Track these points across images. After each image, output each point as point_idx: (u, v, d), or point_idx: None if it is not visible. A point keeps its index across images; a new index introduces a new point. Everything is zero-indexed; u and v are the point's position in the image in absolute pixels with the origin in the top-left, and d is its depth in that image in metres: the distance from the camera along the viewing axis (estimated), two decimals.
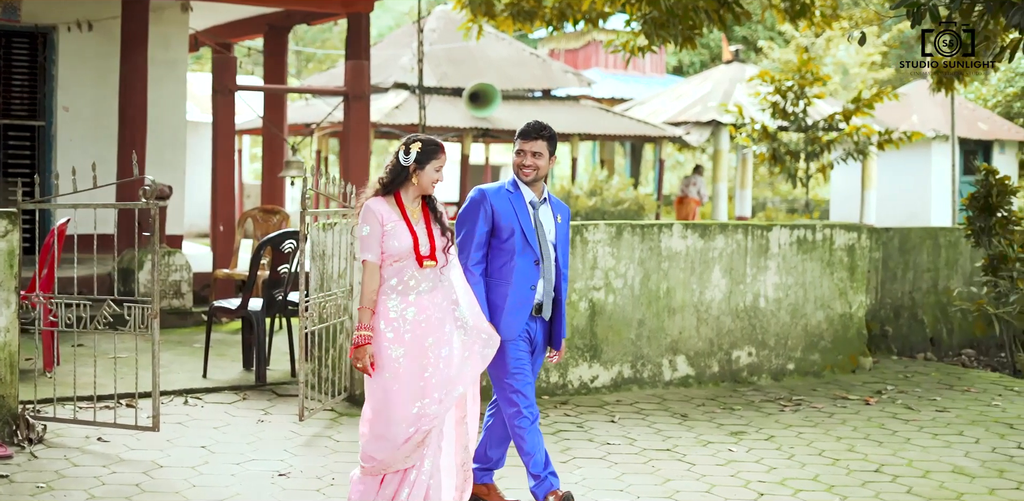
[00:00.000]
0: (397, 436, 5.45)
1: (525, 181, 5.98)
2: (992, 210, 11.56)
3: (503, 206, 5.91)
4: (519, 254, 5.89)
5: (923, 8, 7.93)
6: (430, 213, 5.60)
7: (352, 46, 12.81)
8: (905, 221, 24.54)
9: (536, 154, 5.94)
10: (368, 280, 5.47)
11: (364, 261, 5.48)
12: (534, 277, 5.92)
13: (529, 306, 5.93)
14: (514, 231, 5.88)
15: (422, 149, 5.49)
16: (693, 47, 11.80)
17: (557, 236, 6.07)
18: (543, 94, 22.63)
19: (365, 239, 5.48)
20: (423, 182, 5.52)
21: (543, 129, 5.98)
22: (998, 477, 7.23)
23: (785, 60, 32.86)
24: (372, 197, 5.53)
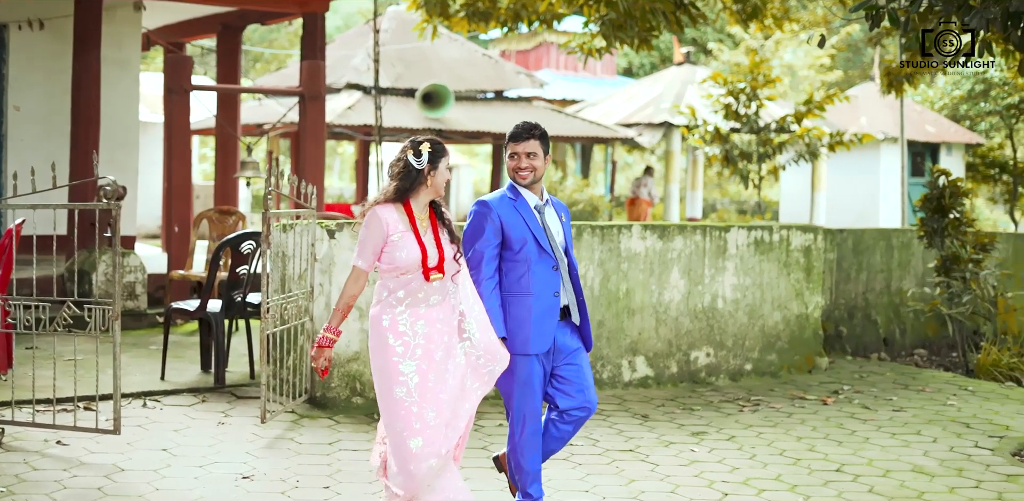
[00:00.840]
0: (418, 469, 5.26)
1: (523, 184, 5.77)
2: (945, 211, 11.67)
3: (510, 216, 5.69)
4: (536, 262, 5.68)
5: (881, 11, 8.00)
6: (438, 220, 5.44)
7: (307, 46, 12.74)
8: (854, 222, 24.75)
9: (531, 155, 5.73)
10: (350, 285, 5.33)
11: (355, 266, 5.33)
12: (556, 283, 5.72)
13: (556, 314, 5.73)
14: (527, 240, 5.67)
15: (432, 149, 5.32)
16: (649, 49, 11.85)
17: (564, 237, 5.89)
18: (495, 95, 22.63)
19: (362, 245, 5.30)
20: (438, 183, 5.35)
21: (534, 128, 5.76)
22: (957, 476, 7.30)
23: (735, 62, 33.06)
24: (381, 203, 5.32)
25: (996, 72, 24.06)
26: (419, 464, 5.24)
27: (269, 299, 7.72)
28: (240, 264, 8.98)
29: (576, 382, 5.83)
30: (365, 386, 8.43)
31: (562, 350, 5.82)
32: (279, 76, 22.31)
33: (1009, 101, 24.78)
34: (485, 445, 7.59)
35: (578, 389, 5.83)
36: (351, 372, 8.40)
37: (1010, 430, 8.65)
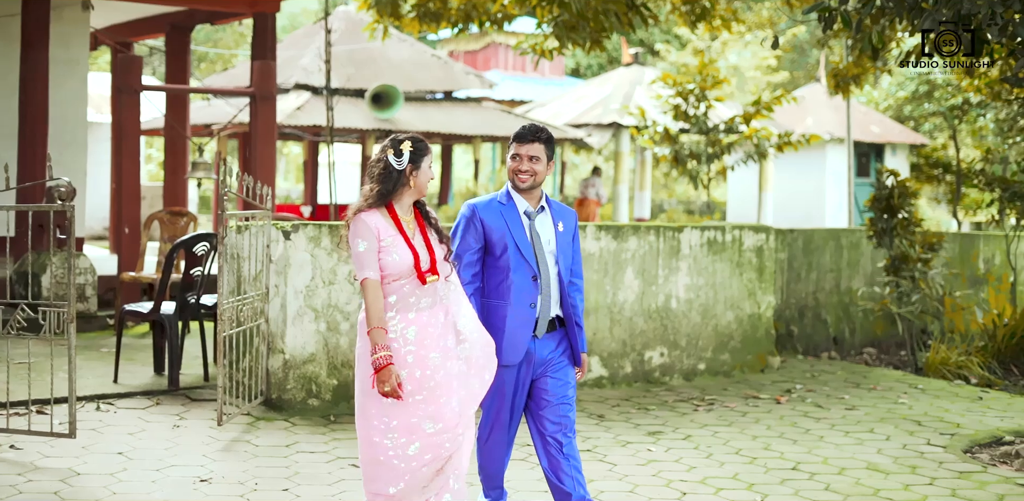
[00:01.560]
0: (411, 462, 5.02)
1: (522, 188, 5.54)
2: (894, 211, 11.79)
3: (494, 220, 5.51)
4: (514, 270, 5.47)
5: (834, 13, 8.08)
6: (424, 221, 5.19)
7: (258, 46, 12.67)
8: (801, 222, 24.94)
9: (534, 159, 5.50)
10: (373, 299, 4.95)
11: (364, 280, 4.97)
12: (532, 294, 5.49)
13: (530, 326, 5.51)
14: (507, 246, 5.48)
15: (414, 148, 5.04)
16: (601, 49, 11.89)
17: (559, 246, 5.61)
18: (445, 96, 22.62)
19: (362, 255, 4.97)
20: (421, 183, 5.08)
21: (540, 131, 5.52)
22: (911, 473, 7.38)
23: (682, 63, 33.22)
24: (365, 209, 5.02)
25: (940, 73, 24.30)
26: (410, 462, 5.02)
27: (225, 301, 7.68)
28: (194, 266, 8.91)
29: (552, 395, 5.60)
30: (321, 388, 8.41)
31: (545, 362, 5.60)
32: (227, 76, 22.16)
33: (952, 102, 25.04)
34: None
35: (554, 403, 5.60)
36: (307, 374, 8.36)
37: (961, 427, 8.75)
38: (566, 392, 5.63)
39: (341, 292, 8.47)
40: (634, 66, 26.59)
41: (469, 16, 13.04)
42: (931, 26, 7.41)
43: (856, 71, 14.73)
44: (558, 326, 5.64)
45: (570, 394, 5.64)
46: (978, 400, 9.95)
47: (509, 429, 5.70)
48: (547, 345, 5.60)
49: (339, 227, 8.37)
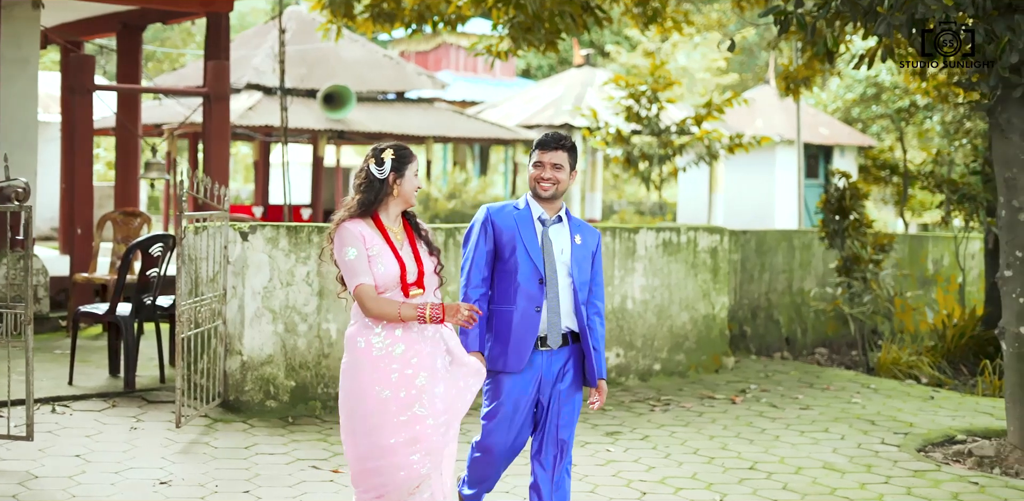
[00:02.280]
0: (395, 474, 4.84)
1: (544, 196, 5.35)
2: (845, 213, 11.91)
3: (505, 222, 5.36)
4: (521, 273, 5.29)
5: (789, 16, 8.16)
6: (414, 233, 5.02)
7: (211, 46, 12.58)
8: (751, 223, 25.10)
9: (556, 166, 5.32)
10: (376, 304, 4.76)
11: (358, 287, 4.77)
12: (539, 298, 5.28)
13: (535, 331, 5.29)
14: (515, 248, 5.31)
15: (396, 155, 4.89)
16: (556, 51, 11.93)
17: (573, 258, 5.39)
18: (397, 96, 22.57)
19: (352, 263, 4.79)
20: (406, 191, 4.91)
21: (564, 139, 5.35)
22: (867, 472, 7.47)
23: (632, 64, 33.33)
24: (348, 219, 4.87)
25: (888, 76, 24.55)
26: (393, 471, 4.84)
27: (184, 302, 7.64)
28: (150, 267, 8.86)
29: (552, 417, 5.42)
30: (279, 389, 8.38)
31: (555, 381, 5.39)
32: (177, 76, 22.02)
33: (900, 105, 25.26)
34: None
35: (551, 426, 5.42)
36: (264, 375, 8.34)
37: (914, 427, 8.86)
38: (573, 420, 5.46)
39: (299, 293, 8.45)
40: (585, 67, 26.66)
41: (423, 17, 13.02)
42: (885, 31, 7.50)
43: (806, 73, 14.84)
44: (570, 341, 5.40)
45: (574, 419, 5.47)
46: (929, 400, 10.08)
47: (511, 448, 5.47)
48: (556, 361, 5.37)
49: (301, 229, 8.37)
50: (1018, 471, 7.60)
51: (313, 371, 8.55)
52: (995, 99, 7.67)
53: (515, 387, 5.33)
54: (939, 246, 15.13)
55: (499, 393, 5.35)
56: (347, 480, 6.81)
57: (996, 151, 7.84)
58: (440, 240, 9.13)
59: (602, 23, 11.79)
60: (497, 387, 5.36)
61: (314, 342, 8.56)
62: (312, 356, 8.55)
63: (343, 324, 8.67)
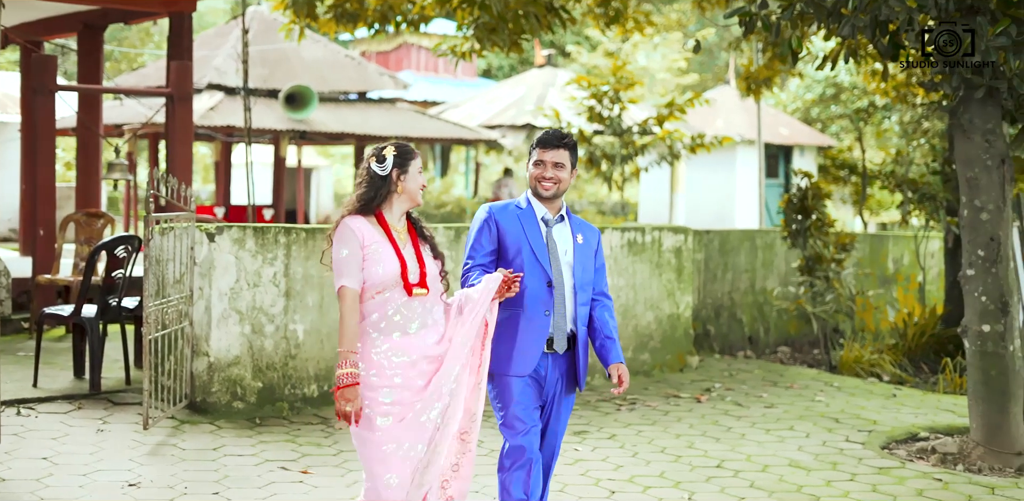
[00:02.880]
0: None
1: (545, 196, 5.24)
2: (807, 212, 11.99)
3: (509, 223, 5.21)
4: (528, 276, 5.12)
5: (755, 17, 8.22)
6: (418, 235, 4.91)
7: (175, 46, 12.52)
8: (712, 223, 25.22)
9: (558, 165, 5.21)
10: (348, 311, 4.67)
11: (341, 288, 4.67)
12: (548, 301, 5.14)
13: (544, 335, 5.15)
14: (520, 249, 5.17)
15: (398, 152, 4.80)
16: (520, 52, 11.95)
17: (576, 257, 5.27)
18: (359, 96, 22.54)
19: (343, 262, 4.68)
20: (411, 188, 4.80)
21: (565, 137, 5.24)
22: (832, 469, 7.54)
23: (592, 65, 33.41)
24: (348, 215, 4.77)
25: (847, 76, 24.73)
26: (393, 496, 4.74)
27: (151, 304, 7.61)
28: (115, 268, 8.81)
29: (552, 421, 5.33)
30: (246, 391, 8.37)
31: (554, 384, 5.27)
32: (138, 76, 21.89)
33: (858, 105, 25.47)
34: None
35: (549, 431, 5.33)
36: (232, 377, 8.32)
37: (877, 424, 8.95)
38: (560, 429, 5.37)
39: (266, 294, 8.44)
40: (547, 68, 26.73)
41: (386, 17, 13.02)
42: (849, 32, 7.57)
43: (767, 74, 14.96)
44: (571, 344, 5.28)
45: (563, 429, 5.40)
46: (892, 397, 10.17)
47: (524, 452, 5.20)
48: (558, 366, 5.25)
49: (268, 230, 8.36)
50: (981, 467, 7.68)
51: (280, 372, 8.54)
52: (957, 100, 7.75)
53: (524, 391, 5.17)
54: (899, 245, 15.27)
55: (509, 398, 5.18)
56: (317, 481, 6.82)
57: (958, 151, 7.92)
58: None
59: (566, 24, 11.83)
60: (506, 391, 5.19)
61: (281, 343, 8.55)
62: (279, 357, 8.54)
63: (310, 325, 8.66)
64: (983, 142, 7.76)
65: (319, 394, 8.75)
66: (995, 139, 7.76)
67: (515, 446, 5.18)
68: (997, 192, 7.79)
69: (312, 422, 8.32)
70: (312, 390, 8.71)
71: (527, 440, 5.17)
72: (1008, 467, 7.69)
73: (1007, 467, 7.69)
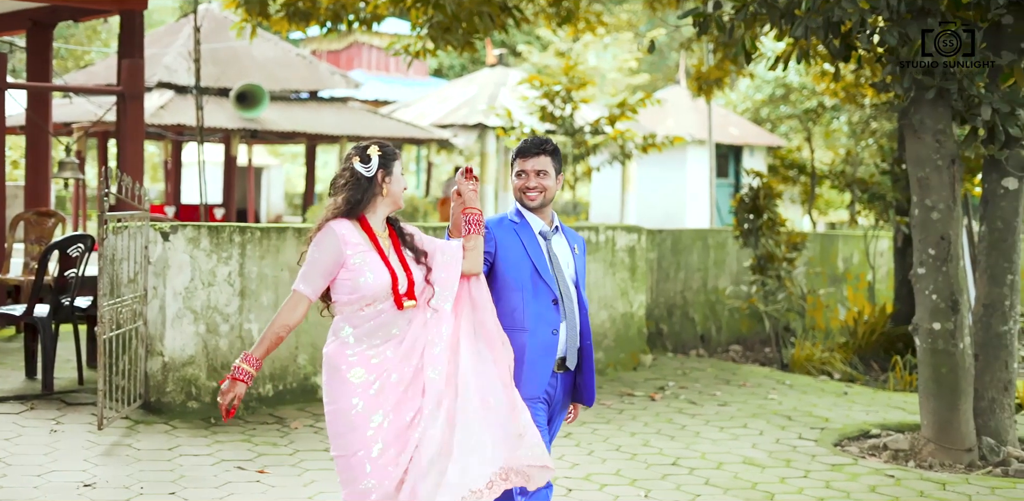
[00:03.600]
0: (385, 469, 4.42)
1: (531, 207, 4.93)
2: (759, 212, 12.09)
3: (508, 238, 4.89)
4: (532, 294, 4.81)
5: (708, 18, 8.28)
6: (399, 238, 4.63)
7: (126, 44, 12.42)
8: (662, 222, 25.34)
9: (541, 173, 4.92)
10: (286, 313, 4.44)
11: (296, 291, 4.45)
12: (555, 320, 4.82)
13: (553, 356, 4.84)
14: (522, 268, 4.85)
15: (383, 152, 4.54)
16: (473, 51, 11.98)
17: (577, 271, 5.01)
18: (310, 95, 22.47)
19: (310, 265, 4.44)
20: (395, 191, 4.56)
21: (544, 143, 4.95)
22: (786, 467, 7.60)
23: (543, 64, 33.46)
24: (333, 219, 4.49)
25: (796, 77, 24.93)
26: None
27: (105, 303, 7.57)
28: (68, 267, 8.75)
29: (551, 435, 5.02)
30: (201, 390, 8.33)
31: (556, 402, 4.99)
32: (87, 73, 21.71)
33: (807, 105, 25.69)
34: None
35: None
36: (186, 376, 8.28)
37: (829, 422, 9.04)
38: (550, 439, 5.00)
39: (221, 293, 8.41)
40: (499, 67, 26.72)
41: (338, 16, 12.99)
42: (803, 33, 7.64)
43: (718, 74, 15.07)
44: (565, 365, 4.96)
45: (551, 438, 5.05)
46: (843, 395, 10.27)
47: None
48: (566, 383, 4.98)
49: (223, 229, 8.33)
50: (932, 464, 7.78)
51: None
52: (908, 100, 7.84)
53: (536, 414, 4.80)
54: (849, 244, 15.42)
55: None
56: (273, 480, 6.80)
57: (909, 151, 8.02)
58: None
59: (519, 23, 11.86)
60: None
61: (236, 343, 8.52)
62: (234, 357, 8.50)
63: (264, 324, 8.63)
64: (934, 142, 7.85)
65: (274, 394, 8.73)
66: (945, 139, 7.86)
67: None
68: (947, 192, 7.89)
69: (268, 422, 8.29)
70: (267, 390, 8.69)
71: None
72: (958, 463, 7.80)
73: (957, 463, 7.80)
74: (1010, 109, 7.65)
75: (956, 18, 7.52)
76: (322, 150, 32.23)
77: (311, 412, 8.62)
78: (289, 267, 8.76)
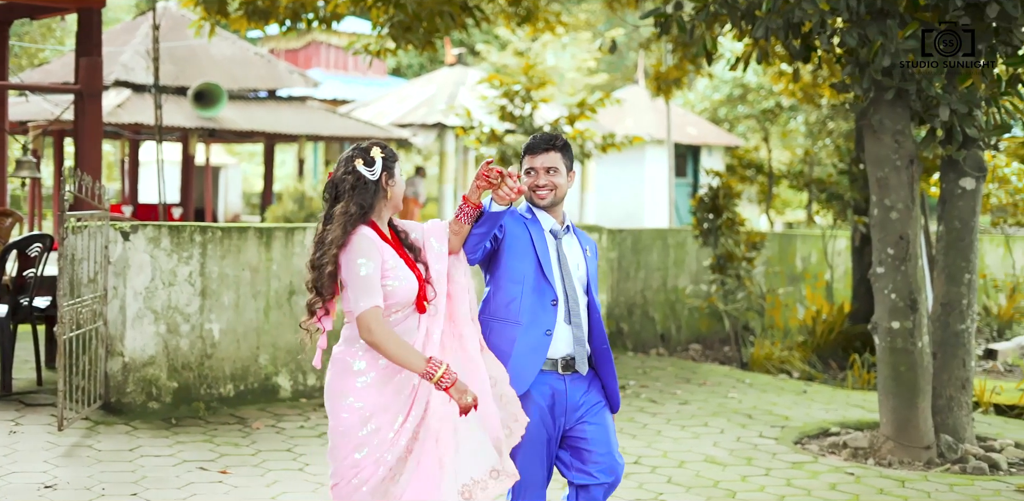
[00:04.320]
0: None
1: (541, 205, 4.76)
2: (719, 212, 12.15)
3: (516, 229, 4.71)
4: (532, 291, 4.65)
5: (670, 19, 8.32)
6: (402, 244, 4.43)
7: (84, 42, 12.32)
8: (621, 222, 25.42)
9: (551, 170, 4.73)
10: (391, 334, 4.15)
11: (372, 309, 4.13)
12: (549, 320, 4.64)
13: (543, 354, 4.64)
14: (524, 260, 4.68)
15: (386, 154, 4.32)
16: (434, 50, 11.98)
17: (589, 273, 4.82)
18: (269, 94, 22.38)
19: (366, 280, 4.15)
20: (397, 194, 4.35)
21: (555, 138, 4.74)
22: (747, 465, 7.65)
23: (502, 64, 33.47)
24: (360, 225, 4.24)
25: (754, 77, 25.07)
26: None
27: (65, 303, 7.51)
28: (26, 267, 8.68)
29: (595, 444, 4.74)
30: (161, 391, 8.29)
31: (578, 406, 4.74)
32: (42, 72, 21.51)
33: (764, 105, 25.85)
34: None
35: (598, 455, 4.73)
36: (147, 377, 8.24)
37: (789, 420, 9.10)
38: (609, 438, 4.78)
39: (181, 293, 8.37)
40: (457, 66, 26.71)
41: (298, 14, 12.95)
42: (763, 34, 7.69)
43: (677, 74, 15.13)
44: (574, 367, 4.74)
45: (614, 441, 4.81)
46: (803, 393, 10.34)
47: (537, 489, 4.77)
48: (578, 387, 4.74)
49: (184, 229, 8.28)
50: (891, 461, 7.85)
51: (196, 372, 8.48)
52: (868, 101, 7.90)
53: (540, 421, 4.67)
54: (807, 244, 15.52)
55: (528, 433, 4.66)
56: (236, 481, 6.78)
57: (868, 151, 8.08)
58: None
59: (480, 22, 11.87)
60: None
61: (197, 343, 8.48)
62: (195, 357, 8.47)
63: (226, 324, 8.61)
64: (893, 142, 7.92)
65: (235, 394, 8.70)
66: (904, 140, 7.93)
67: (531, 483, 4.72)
68: (906, 191, 7.96)
69: (229, 422, 8.26)
70: (228, 390, 8.66)
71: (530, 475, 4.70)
72: (917, 460, 7.87)
73: (916, 460, 7.87)
74: (968, 110, 7.73)
75: (915, 19, 7.59)
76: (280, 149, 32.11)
77: (272, 412, 8.60)
78: (250, 267, 8.73)
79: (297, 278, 8.98)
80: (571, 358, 4.71)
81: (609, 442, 4.76)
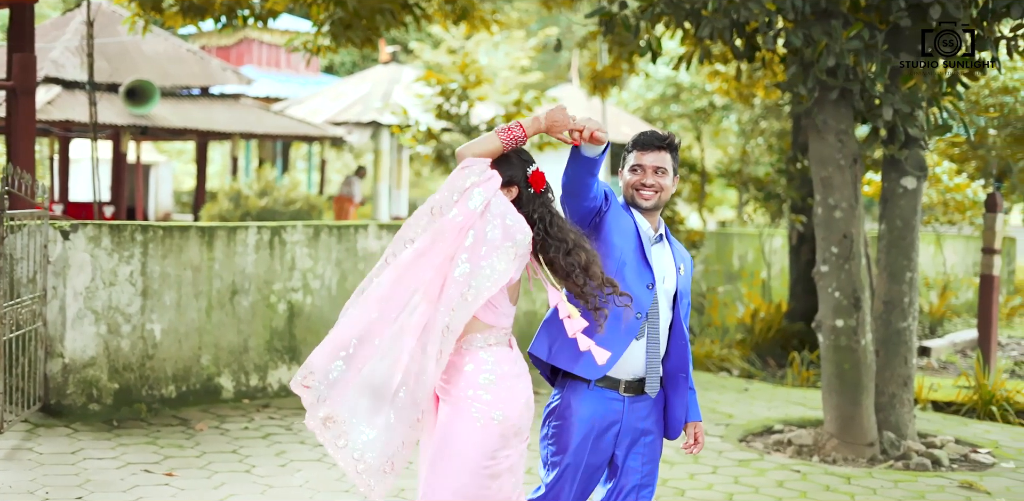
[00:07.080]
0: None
1: (644, 207, 4.36)
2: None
3: (622, 219, 4.35)
4: (633, 271, 4.28)
5: (615, 17, 8.33)
6: None
7: (16, 38, 12.13)
8: None
9: (660, 170, 4.37)
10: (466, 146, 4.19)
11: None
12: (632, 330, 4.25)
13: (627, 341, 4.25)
14: (627, 240, 4.31)
15: None
16: (373, 48, 11.92)
17: (679, 289, 4.42)
18: (201, 91, 22.15)
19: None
20: None
21: (668, 138, 4.39)
22: (694, 463, 7.68)
23: (435, 62, 33.40)
24: None
25: (687, 76, 25.20)
26: None
27: (4, 304, 7.38)
28: None
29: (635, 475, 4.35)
30: (102, 392, 8.17)
31: (634, 431, 4.34)
32: None
33: (698, 105, 26.00)
34: None
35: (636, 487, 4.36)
36: (87, 378, 8.12)
37: (733, 418, 9.15)
38: (653, 471, 4.41)
39: (122, 293, 8.25)
40: (392, 64, 26.61)
41: (233, 11, 12.83)
42: (709, 34, 7.72)
43: (613, 73, 15.17)
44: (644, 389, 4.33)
45: (655, 474, 4.42)
46: (744, 391, 10.41)
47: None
48: (640, 410, 4.33)
49: (124, 228, 8.17)
50: (835, 458, 7.91)
51: (137, 373, 8.36)
52: (812, 101, 7.96)
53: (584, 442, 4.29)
54: (744, 242, 15.62)
55: (565, 444, 4.32)
56: (182, 483, 6.69)
57: (812, 151, 8.14)
58: (265, 239, 9.02)
59: (420, 20, 11.83)
60: (563, 433, 4.32)
61: (138, 343, 8.37)
62: (136, 357, 8.36)
63: (168, 324, 8.50)
64: (836, 142, 7.98)
65: (177, 395, 8.59)
66: (848, 139, 8.00)
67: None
68: (850, 191, 8.02)
69: (171, 423, 8.16)
70: (170, 391, 8.55)
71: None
72: (861, 457, 7.94)
73: (860, 457, 7.94)
74: (910, 110, 7.82)
75: (859, 20, 7.65)
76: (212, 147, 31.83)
77: (215, 413, 8.50)
78: (192, 266, 8.63)
79: (239, 277, 8.89)
80: (638, 380, 4.31)
81: (652, 474, 4.40)
